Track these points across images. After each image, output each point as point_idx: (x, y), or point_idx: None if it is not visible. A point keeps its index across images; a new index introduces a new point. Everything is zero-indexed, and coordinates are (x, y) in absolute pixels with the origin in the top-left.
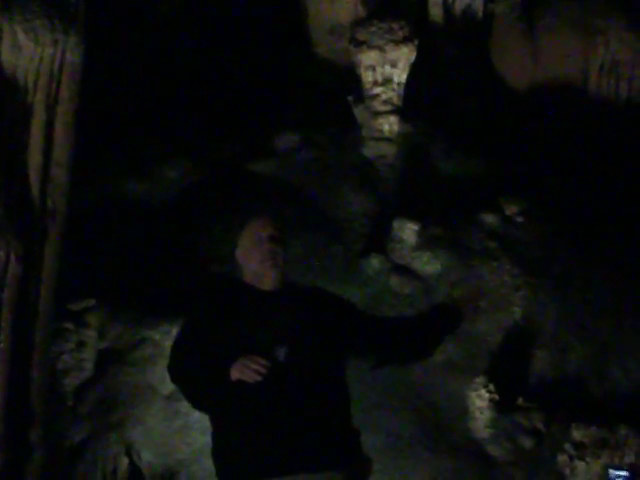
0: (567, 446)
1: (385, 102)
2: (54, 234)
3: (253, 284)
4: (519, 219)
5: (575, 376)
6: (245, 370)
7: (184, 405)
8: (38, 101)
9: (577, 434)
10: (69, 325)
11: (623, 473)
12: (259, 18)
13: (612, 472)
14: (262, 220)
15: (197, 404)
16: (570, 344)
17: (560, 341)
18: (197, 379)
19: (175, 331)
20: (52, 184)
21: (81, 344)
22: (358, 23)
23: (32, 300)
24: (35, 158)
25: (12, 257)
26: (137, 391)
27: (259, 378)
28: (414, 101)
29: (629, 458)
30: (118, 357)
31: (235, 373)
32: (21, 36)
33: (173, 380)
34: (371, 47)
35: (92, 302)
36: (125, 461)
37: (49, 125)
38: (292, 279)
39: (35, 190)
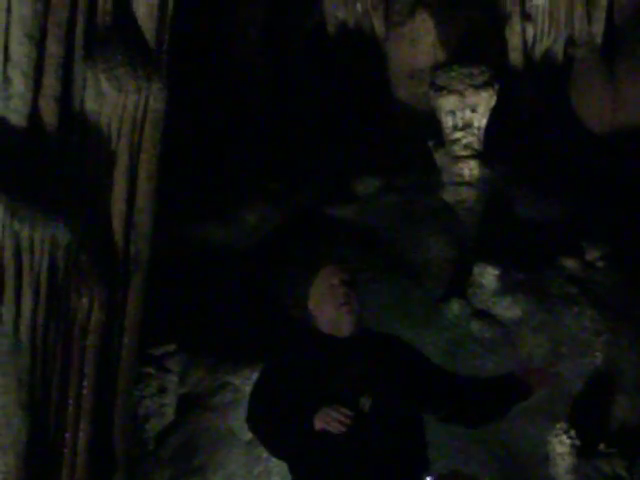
0: None
1: (465, 147)
2: (137, 280)
3: (330, 332)
4: (600, 264)
5: None
6: (330, 420)
7: (264, 451)
8: (121, 148)
9: None
10: (150, 370)
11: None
12: (339, 61)
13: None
14: (331, 268)
15: (277, 453)
16: None
17: None
18: (277, 428)
19: (255, 376)
20: (135, 230)
21: (162, 389)
22: (438, 68)
23: (115, 346)
24: (118, 205)
25: (95, 304)
26: (218, 436)
27: (344, 429)
28: (494, 145)
29: None
30: (199, 402)
31: (319, 423)
32: (104, 84)
33: (252, 429)
34: (451, 92)
35: (173, 347)
36: None
37: (132, 172)
38: (369, 325)
39: (118, 236)
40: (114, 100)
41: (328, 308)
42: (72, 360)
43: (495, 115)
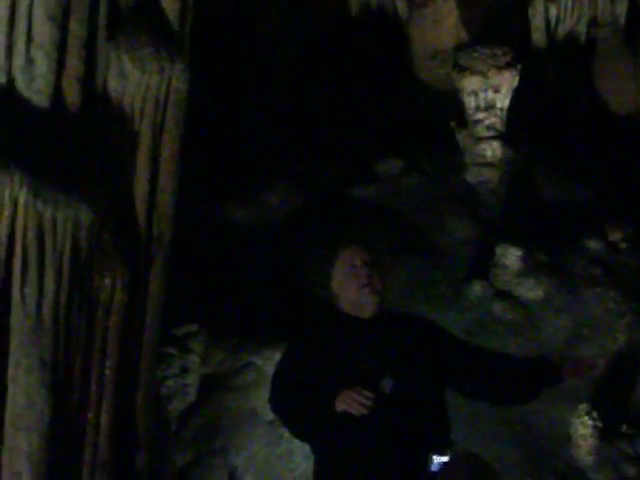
0: None
1: (488, 127)
2: (159, 261)
3: (353, 313)
4: (623, 245)
5: None
6: (351, 402)
7: (287, 431)
8: (144, 129)
9: None
10: (173, 350)
11: (444, 459)
12: (362, 42)
13: (435, 458)
14: (352, 248)
15: (299, 434)
16: None
17: None
18: (299, 410)
19: (277, 357)
20: (158, 211)
21: (184, 369)
22: (460, 49)
23: (137, 326)
24: (141, 185)
25: (118, 284)
26: (240, 416)
27: (365, 411)
28: (517, 126)
29: None
30: (221, 382)
31: (341, 404)
32: (127, 64)
33: (274, 410)
34: (474, 73)
35: (195, 327)
36: None
37: (155, 152)
38: (392, 306)
39: (141, 217)
40: (137, 80)
41: (350, 289)
42: (94, 340)
43: (518, 96)
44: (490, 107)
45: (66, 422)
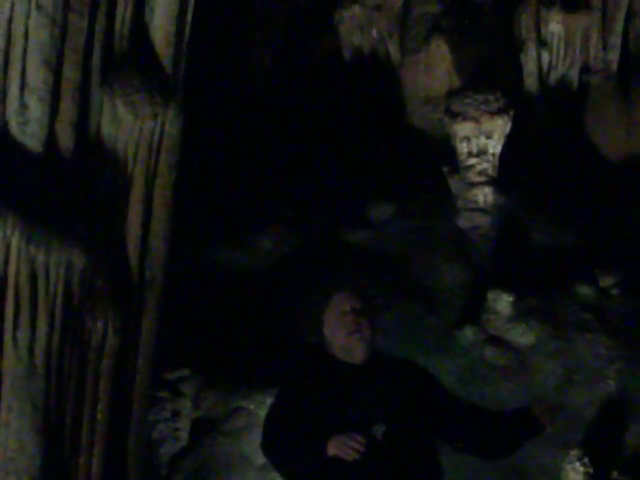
0: None
1: (480, 173)
2: (151, 305)
3: (343, 359)
4: (614, 291)
5: None
6: (343, 447)
7: (278, 476)
8: (137, 173)
9: None
10: (164, 394)
11: None
12: (354, 87)
13: None
14: (343, 294)
15: (290, 478)
16: None
17: None
18: (291, 454)
19: (269, 401)
20: (150, 256)
21: (176, 413)
22: (453, 94)
23: (129, 371)
24: (134, 230)
25: (110, 329)
26: (231, 461)
27: (357, 456)
28: (509, 172)
29: None
30: (212, 427)
31: (333, 450)
32: (121, 109)
33: (266, 454)
34: (466, 118)
35: (187, 371)
36: None
37: (148, 197)
38: (384, 350)
39: (133, 262)
40: (130, 125)
41: (340, 335)
42: (86, 384)
43: (510, 142)
44: (482, 153)
45: (57, 467)
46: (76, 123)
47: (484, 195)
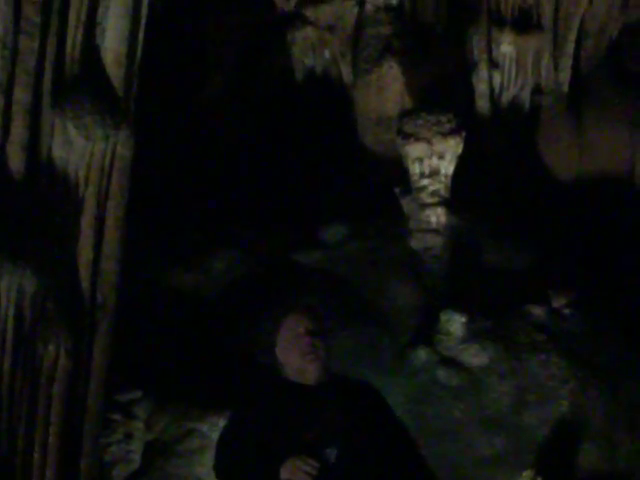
0: None
1: (432, 194)
2: (103, 327)
3: (297, 380)
4: (567, 311)
5: (623, 469)
6: (296, 471)
7: None
8: (89, 195)
9: None
10: (117, 417)
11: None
12: (306, 108)
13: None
14: (297, 315)
15: None
16: (618, 437)
17: (608, 434)
18: (244, 477)
19: (222, 423)
20: (102, 278)
21: (128, 436)
22: (405, 115)
23: (81, 393)
24: (86, 252)
25: (62, 352)
26: None
27: (310, 479)
28: (461, 193)
29: None
30: (165, 449)
31: (286, 474)
32: (72, 132)
33: (219, 477)
34: (418, 139)
35: (139, 394)
36: None
37: (100, 219)
38: (338, 371)
39: (85, 284)
40: (82, 148)
41: (294, 357)
42: (38, 408)
43: (462, 162)
44: (434, 174)
45: None
46: (27, 145)
47: (437, 216)
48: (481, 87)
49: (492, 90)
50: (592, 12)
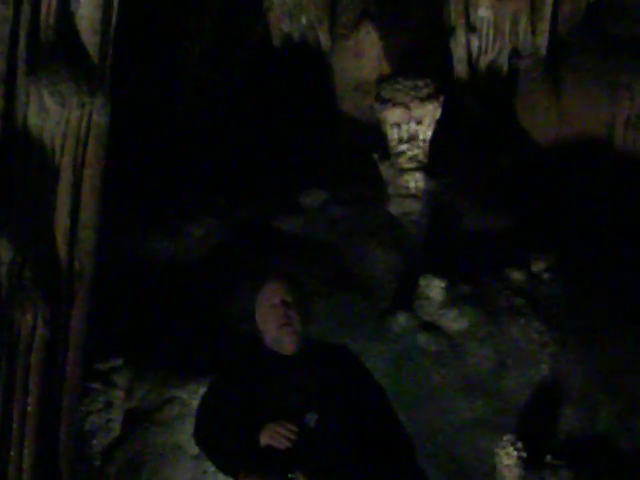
0: None
1: (411, 159)
2: (81, 296)
3: (274, 349)
4: (546, 275)
5: (604, 432)
6: (276, 436)
7: (212, 465)
8: (65, 163)
9: None
10: (97, 385)
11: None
12: (284, 74)
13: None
14: (273, 285)
15: (223, 468)
16: (599, 400)
17: (588, 397)
18: (224, 444)
19: (202, 390)
20: (79, 246)
21: (108, 404)
22: (383, 80)
23: (60, 362)
24: (62, 220)
25: (40, 320)
26: (165, 451)
27: (289, 444)
28: (440, 158)
29: None
30: (145, 417)
31: (266, 439)
32: (48, 99)
33: (199, 444)
34: (396, 104)
35: (119, 362)
36: None
37: (76, 187)
38: (317, 336)
39: (62, 252)
40: (57, 115)
41: (270, 327)
42: (16, 377)
43: (440, 127)
44: (413, 139)
45: None
46: (2, 114)
47: (415, 181)
48: (459, 52)
49: (470, 55)
50: None
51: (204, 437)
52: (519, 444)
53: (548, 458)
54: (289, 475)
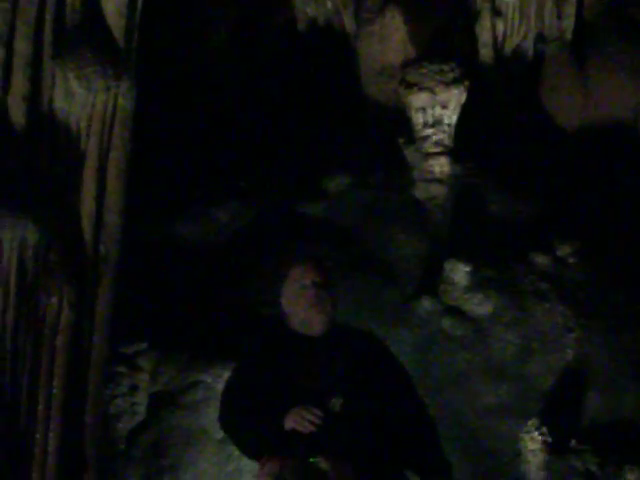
0: None
1: (436, 144)
2: (107, 279)
3: (302, 331)
4: (571, 260)
5: (629, 417)
6: (300, 420)
7: (236, 449)
8: (91, 147)
9: (631, 476)
10: (122, 369)
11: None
12: (309, 58)
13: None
14: (304, 266)
15: (248, 452)
16: (623, 385)
17: (613, 382)
18: (248, 427)
19: (227, 374)
20: (105, 230)
21: (134, 388)
22: (408, 64)
23: (85, 345)
24: (88, 204)
25: (65, 303)
26: (189, 434)
27: (314, 428)
28: (465, 142)
29: None
30: (170, 400)
31: (290, 422)
32: (73, 83)
33: (224, 428)
34: (421, 89)
35: (144, 345)
36: None
37: (102, 171)
38: (343, 321)
39: (88, 236)
40: (83, 99)
41: (299, 308)
42: (42, 360)
43: (465, 112)
44: (438, 123)
45: (14, 443)
46: (28, 97)
47: (440, 165)
48: (484, 36)
49: (495, 39)
50: None
51: (229, 421)
52: (544, 429)
53: (573, 443)
54: (311, 459)
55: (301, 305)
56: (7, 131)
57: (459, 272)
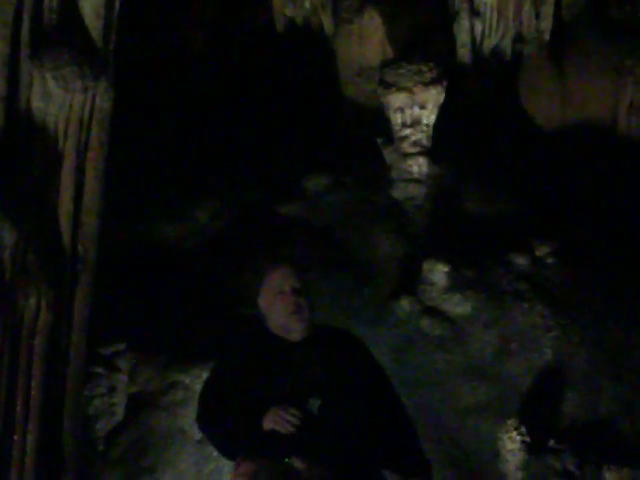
0: None
1: (414, 144)
2: (85, 280)
3: (280, 334)
4: (550, 260)
5: (607, 417)
6: (279, 421)
7: (215, 450)
8: (68, 148)
9: (609, 476)
10: (100, 370)
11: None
12: (288, 59)
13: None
14: (282, 270)
15: (227, 453)
16: (602, 385)
17: (591, 382)
18: (227, 428)
19: (205, 375)
20: (82, 230)
21: (112, 388)
22: (386, 65)
23: (63, 346)
24: (66, 205)
25: (43, 304)
26: (168, 435)
27: (292, 429)
28: (443, 142)
29: None
30: (149, 401)
31: (269, 423)
32: (51, 83)
33: (202, 429)
34: (400, 89)
35: (122, 346)
36: None
37: (79, 171)
38: (321, 321)
39: (66, 237)
40: (61, 99)
41: (278, 313)
42: (20, 361)
43: (444, 112)
44: (416, 123)
45: None
46: (5, 97)
47: (418, 166)
48: (462, 36)
49: (473, 39)
50: None
51: (207, 421)
52: (522, 429)
53: (551, 442)
54: (285, 459)
55: (280, 310)
56: None
57: (438, 272)
